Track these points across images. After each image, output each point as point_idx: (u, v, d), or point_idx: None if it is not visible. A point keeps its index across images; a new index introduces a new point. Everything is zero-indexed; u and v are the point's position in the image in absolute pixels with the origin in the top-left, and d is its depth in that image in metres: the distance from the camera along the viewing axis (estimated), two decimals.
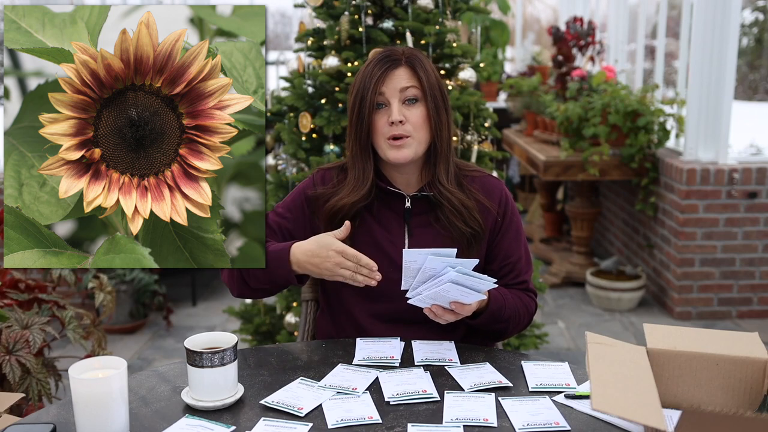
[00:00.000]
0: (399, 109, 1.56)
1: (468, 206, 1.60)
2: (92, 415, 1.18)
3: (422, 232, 1.63)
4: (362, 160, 1.61)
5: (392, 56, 1.59)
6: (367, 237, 1.62)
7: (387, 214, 1.64)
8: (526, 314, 1.66)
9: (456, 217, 1.59)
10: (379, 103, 1.58)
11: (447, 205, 1.60)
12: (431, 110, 1.58)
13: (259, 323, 2.82)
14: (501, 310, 1.57)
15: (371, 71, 1.57)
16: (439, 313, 1.47)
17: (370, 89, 1.56)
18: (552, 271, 4.64)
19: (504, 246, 1.66)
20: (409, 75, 1.58)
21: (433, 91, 1.58)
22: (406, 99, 1.57)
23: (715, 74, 3.77)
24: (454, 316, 1.49)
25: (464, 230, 1.60)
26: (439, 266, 1.42)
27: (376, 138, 1.59)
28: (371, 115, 1.57)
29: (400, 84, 1.57)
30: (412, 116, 1.57)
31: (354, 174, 1.62)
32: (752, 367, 1.24)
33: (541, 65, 5.39)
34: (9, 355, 1.91)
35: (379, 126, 1.58)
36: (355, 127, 1.59)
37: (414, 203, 1.64)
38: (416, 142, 1.58)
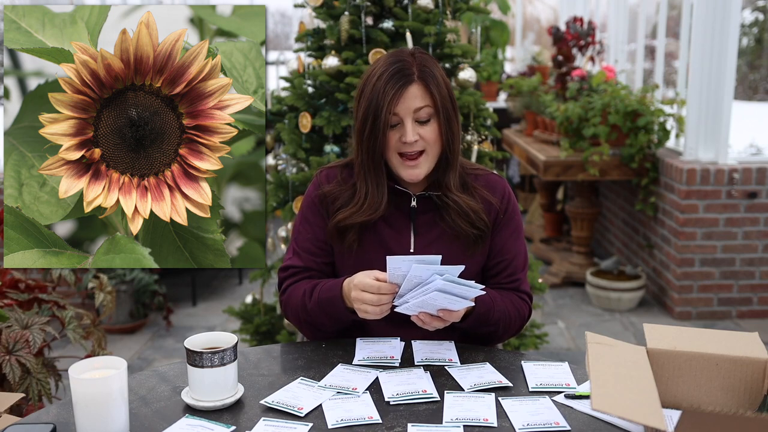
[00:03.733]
0: (413, 128, 1.54)
1: (474, 209, 1.60)
2: (92, 415, 1.18)
3: (428, 231, 1.63)
4: (375, 176, 1.58)
5: (404, 70, 1.54)
6: (373, 236, 1.62)
7: (393, 213, 1.63)
8: (517, 318, 1.64)
9: (462, 219, 1.59)
10: (392, 124, 1.56)
11: (453, 206, 1.60)
12: (443, 125, 1.57)
13: (259, 323, 2.82)
14: (489, 313, 1.56)
15: (383, 88, 1.53)
16: (427, 320, 1.46)
17: (384, 109, 1.52)
18: (552, 271, 4.64)
19: (501, 241, 1.65)
20: (423, 93, 1.55)
21: (445, 104, 1.57)
22: (419, 119, 1.56)
23: (715, 74, 3.77)
24: (441, 323, 1.47)
25: (470, 232, 1.60)
26: (425, 274, 1.39)
27: (388, 153, 1.58)
28: (385, 133, 1.55)
29: (414, 105, 1.54)
30: (426, 133, 1.55)
31: (366, 190, 1.59)
32: (752, 367, 1.24)
33: (541, 65, 5.39)
34: (9, 355, 1.91)
35: (392, 143, 1.56)
36: (368, 142, 1.56)
37: (420, 202, 1.63)
38: (429, 157, 1.57)
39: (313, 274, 1.66)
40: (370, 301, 1.45)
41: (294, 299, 1.62)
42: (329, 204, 1.64)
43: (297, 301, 1.61)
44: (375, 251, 1.61)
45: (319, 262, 1.66)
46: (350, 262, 1.62)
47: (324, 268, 1.66)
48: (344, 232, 1.61)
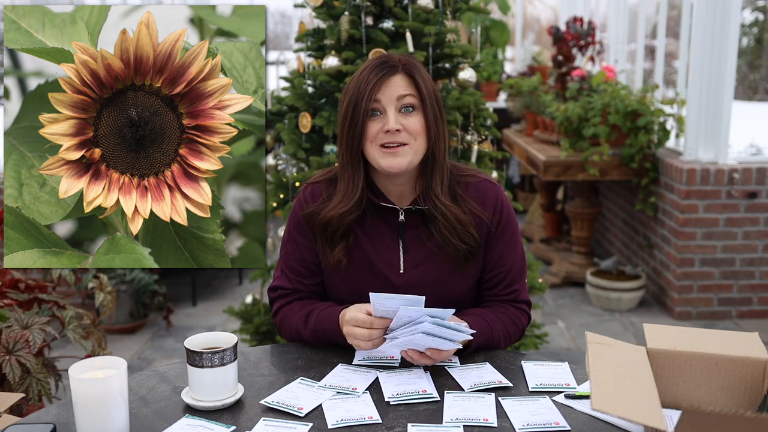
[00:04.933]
0: (395, 117, 1.49)
1: (463, 222, 1.54)
2: (92, 415, 1.18)
3: (417, 248, 1.58)
4: (352, 169, 1.54)
5: (389, 63, 1.52)
6: (361, 255, 1.58)
7: (380, 228, 1.59)
8: (516, 331, 1.62)
9: (451, 233, 1.54)
10: (373, 110, 1.51)
11: (441, 220, 1.53)
12: (429, 119, 1.52)
13: (259, 323, 2.82)
14: (489, 341, 1.54)
15: (366, 77, 1.50)
16: (415, 357, 1.42)
17: (365, 96, 1.48)
18: (552, 271, 4.64)
19: (496, 253, 1.61)
20: (407, 83, 1.51)
21: (431, 99, 1.53)
22: (403, 107, 1.51)
23: (715, 74, 3.77)
24: (430, 361, 1.43)
25: (459, 246, 1.55)
26: (414, 314, 1.37)
27: (367, 146, 1.52)
28: (365, 122, 1.50)
29: (398, 92, 1.50)
30: (410, 124, 1.50)
31: (343, 183, 1.55)
32: (752, 367, 1.24)
33: (541, 65, 5.39)
34: (9, 355, 1.91)
35: (372, 133, 1.50)
36: (347, 133, 1.52)
37: (408, 216, 1.58)
38: (413, 150, 1.51)
39: (302, 296, 1.63)
40: (362, 336, 1.43)
41: (288, 324, 1.61)
42: (311, 224, 1.60)
43: (291, 326, 1.60)
44: (362, 269, 1.58)
45: (308, 283, 1.63)
46: (338, 279, 1.60)
47: (313, 289, 1.64)
48: (331, 243, 1.57)
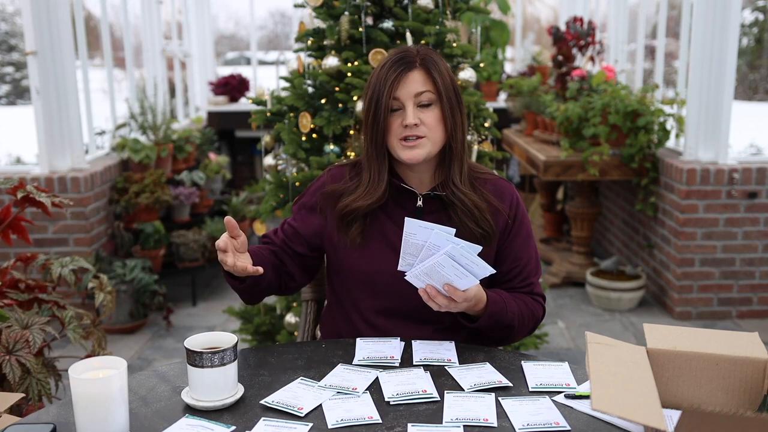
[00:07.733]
0: (414, 112, 1.56)
1: (480, 207, 1.61)
2: (92, 415, 1.18)
3: None
4: (377, 162, 1.61)
5: (406, 58, 1.59)
6: (378, 234, 1.63)
7: (398, 212, 1.64)
8: (531, 319, 1.66)
9: (468, 217, 1.60)
10: (393, 108, 1.58)
11: (459, 205, 1.61)
12: (446, 112, 1.58)
13: (259, 323, 2.82)
14: (501, 314, 1.57)
15: (386, 74, 1.57)
16: (432, 294, 1.47)
17: (385, 93, 1.56)
18: (552, 271, 4.64)
19: (514, 248, 1.67)
20: (424, 78, 1.58)
21: (447, 92, 1.59)
22: (421, 103, 1.58)
23: (715, 74, 3.77)
24: (446, 302, 1.47)
25: (475, 231, 1.60)
26: (443, 243, 1.41)
27: (390, 139, 1.59)
28: (386, 119, 1.57)
29: (415, 89, 1.57)
30: (427, 118, 1.57)
31: (369, 176, 1.63)
32: (752, 367, 1.24)
33: (541, 65, 5.39)
34: (9, 355, 1.91)
35: (394, 128, 1.58)
36: (371, 129, 1.60)
37: (426, 202, 1.64)
38: (430, 142, 1.58)
39: (276, 249, 1.69)
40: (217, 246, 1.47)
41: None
42: (327, 204, 1.66)
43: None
44: (378, 248, 1.62)
45: (289, 247, 1.69)
46: (353, 257, 1.64)
47: (288, 251, 1.69)
48: (349, 224, 1.63)
